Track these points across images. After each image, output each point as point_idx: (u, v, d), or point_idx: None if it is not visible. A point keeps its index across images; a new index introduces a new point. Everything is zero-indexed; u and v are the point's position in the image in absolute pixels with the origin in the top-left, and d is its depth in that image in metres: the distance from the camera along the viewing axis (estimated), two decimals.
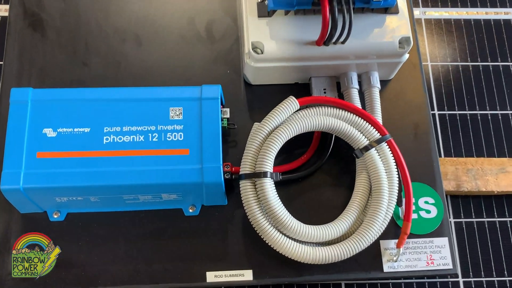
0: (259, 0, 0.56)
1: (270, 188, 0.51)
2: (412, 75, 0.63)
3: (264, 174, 0.51)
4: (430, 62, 0.73)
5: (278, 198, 0.52)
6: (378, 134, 0.55)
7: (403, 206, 0.55)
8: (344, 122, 0.55)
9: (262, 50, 0.55)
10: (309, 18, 0.55)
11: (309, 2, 0.53)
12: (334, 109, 0.55)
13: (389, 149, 0.55)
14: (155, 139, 0.52)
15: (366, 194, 0.55)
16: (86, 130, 0.52)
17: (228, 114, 0.55)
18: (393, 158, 0.54)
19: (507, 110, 0.71)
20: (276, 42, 0.55)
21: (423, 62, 0.70)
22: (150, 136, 0.52)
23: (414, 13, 0.69)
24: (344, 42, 0.54)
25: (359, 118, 0.55)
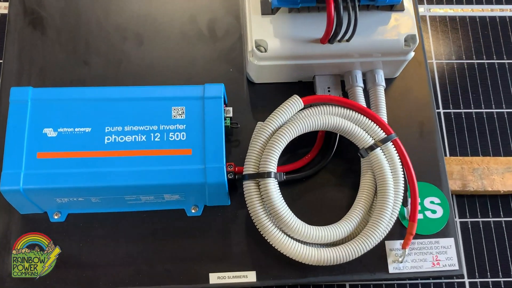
0: None
1: (274, 188, 0.51)
2: (417, 73, 0.62)
3: (268, 175, 0.51)
4: (435, 60, 0.72)
5: (282, 198, 0.51)
6: (384, 133, 0.54)
7: (409, 206, 0.54)
8: (349, 121, 0.54)
9: (266, 48, 0.54)
10: (313, 15, 0.55)
11: None
12: (338, 108, 0.55)
13: (394, 148, 0.54)
14: (157, 139, 0.51)
15: (371, 194, 0.54)
16: (87, 130, 0.51)
17: (231, 113, 0.55)
18: (398, 157, 0.54)
19: None
20: (280, 40, 0.54)
21: (428, 60, 0.69)
22: (152, 136, 0.51)
23: (419, 10, 0.69)
24: (349, 40, 0.53)
25: (364, 117, 0.54)
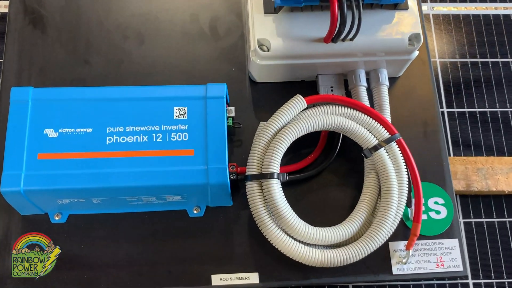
0: None
1: (277, 189, 0.50)
2: (421, 72, 0.62)
3: (270, 175, 0.50)
4: (438, 59, 0.72)
5: (285, 199, 0.51)
6: (387, 133, 0.54)
7: (413, 207, 0.54)
8: (352, 121, 0.53)
9: (269, 47, 0.53)
10: (316, 14, 0.54)
11: None
12: (342, 107, 0.54)
13: (398, 148, 0.53)
14: (159, 140, 0.51)
15: (375, 195, 0.53)
16: (88, 130, 0.50)
17: (233, 113, 0.54)
18: (402, 158, 0.53)
19: None
20: (282, 39, 0.53)
21: (431, 59, 0.69)
22: (154, 136, 0.51)
23: (422, 8, 0.68)
24: (352, 39, 0.52)
25: (368, 117, 0.54)
